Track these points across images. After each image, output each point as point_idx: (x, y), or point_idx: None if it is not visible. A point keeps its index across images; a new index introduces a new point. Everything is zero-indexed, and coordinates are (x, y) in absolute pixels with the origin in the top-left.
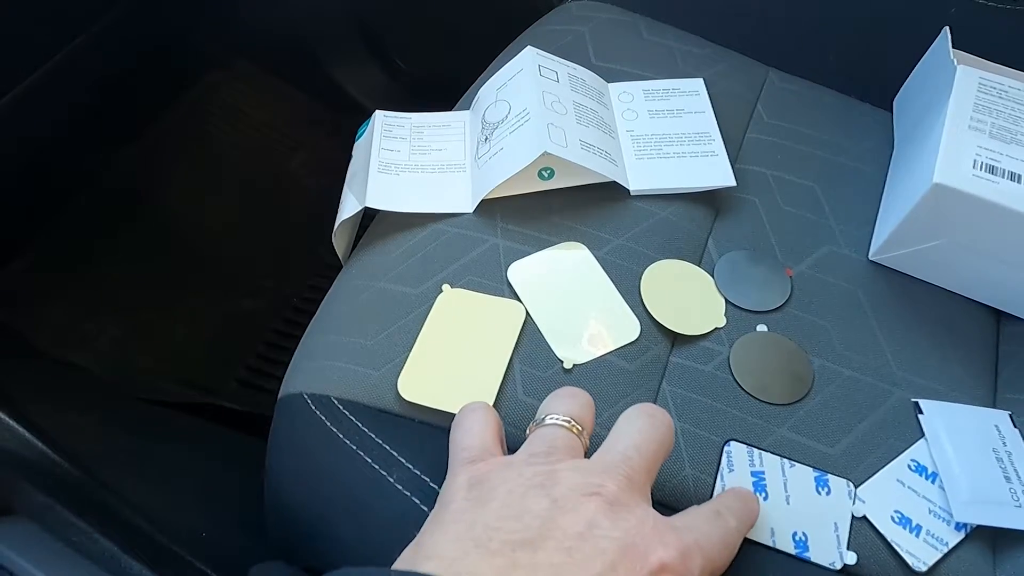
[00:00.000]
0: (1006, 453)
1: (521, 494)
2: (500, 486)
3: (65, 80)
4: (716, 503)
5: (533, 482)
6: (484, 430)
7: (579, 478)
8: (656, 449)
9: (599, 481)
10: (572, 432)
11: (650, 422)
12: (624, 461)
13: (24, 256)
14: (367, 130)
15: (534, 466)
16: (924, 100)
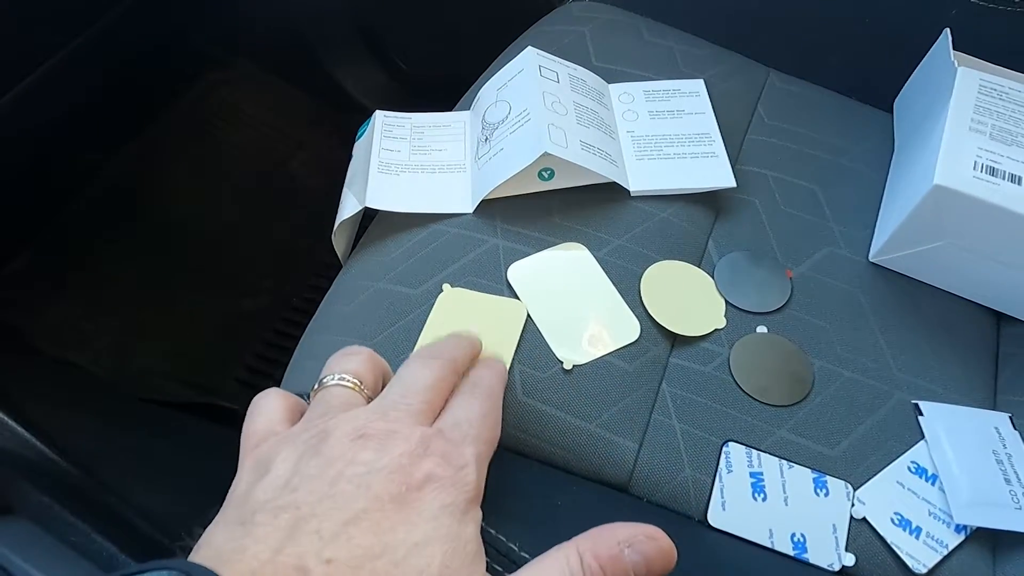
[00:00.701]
0: (1006, 455)
1: (295, 460)
2: (275, 458)
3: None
4: (469, 381)
5: (308, 445)
6: (272, 412)
7: (348, 426)
8: (431, 383)
9: (366, 421)
10: (351, 389)
11: (421, 363)
12: (396, 400)
13: (24, 256)
14: (367, 130)
15: (309, 431)
16: (925, 102)
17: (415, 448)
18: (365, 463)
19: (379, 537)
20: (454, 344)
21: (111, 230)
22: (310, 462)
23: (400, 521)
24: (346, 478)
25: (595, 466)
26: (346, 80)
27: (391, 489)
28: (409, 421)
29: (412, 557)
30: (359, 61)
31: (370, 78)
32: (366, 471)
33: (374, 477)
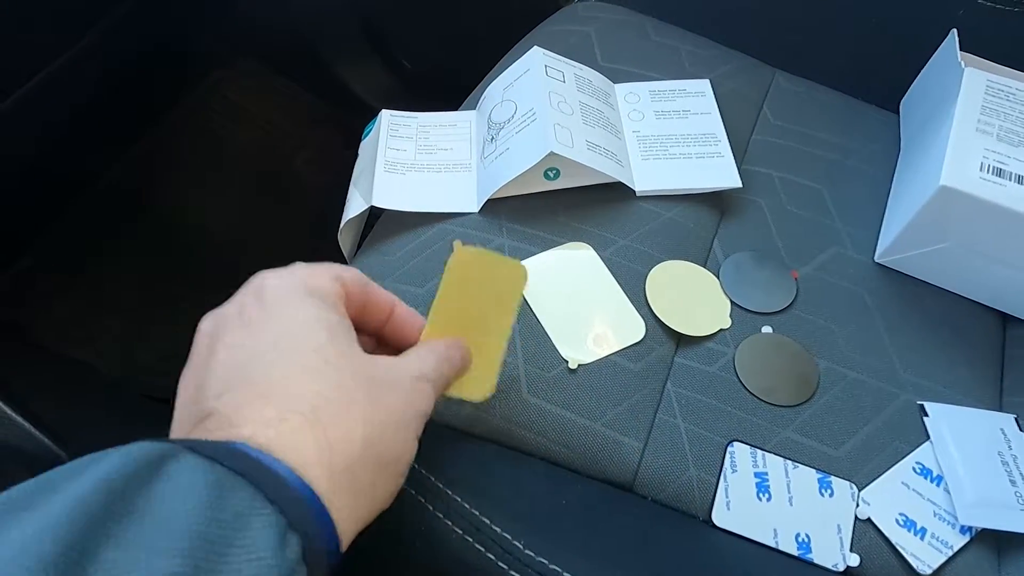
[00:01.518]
0: (1011, 456)
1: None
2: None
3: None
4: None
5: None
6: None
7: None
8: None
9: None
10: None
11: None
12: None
13: (28, 254)
14: (373, 129)
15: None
16: (931, 102)
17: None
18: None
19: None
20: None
21: (115, 229)
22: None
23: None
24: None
25: (600, 465)
26: (351, 79)
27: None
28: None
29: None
30: (364, 60)
31: (375, 77)
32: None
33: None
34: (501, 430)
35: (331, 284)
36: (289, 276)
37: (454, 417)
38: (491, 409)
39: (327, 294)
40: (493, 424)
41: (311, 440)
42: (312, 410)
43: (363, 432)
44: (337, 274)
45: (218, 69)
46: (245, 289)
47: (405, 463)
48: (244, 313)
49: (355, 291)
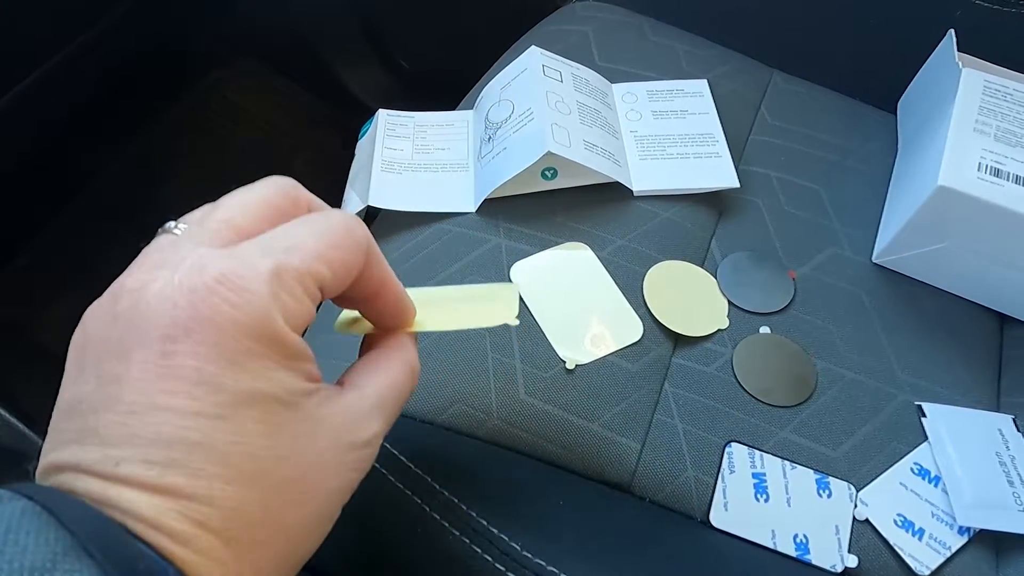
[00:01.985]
0: (1009, 457)
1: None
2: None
3: (67, 79)
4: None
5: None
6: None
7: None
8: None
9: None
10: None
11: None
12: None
13: (26, 254)
14: (370, 129)
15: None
16: (929, 103)
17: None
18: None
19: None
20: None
21: (113, 228)
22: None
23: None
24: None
25: (597, 466)
26: (349, 79)
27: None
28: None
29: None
30: (362, 60)
31: (373, 77)
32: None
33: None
34: (498, 431)
35: (303, 309)
36: (244, 304)
37: (451, 419)
38: (488, 410)
39: (286, 339)
40: (490, 425)
41: (223, 567)
42: (228, 529)
43: (284, 544)
44: (316, 277)
45: (218, 69)
46: (192, 308)
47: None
48: (177, 346)
49: (337, 284)
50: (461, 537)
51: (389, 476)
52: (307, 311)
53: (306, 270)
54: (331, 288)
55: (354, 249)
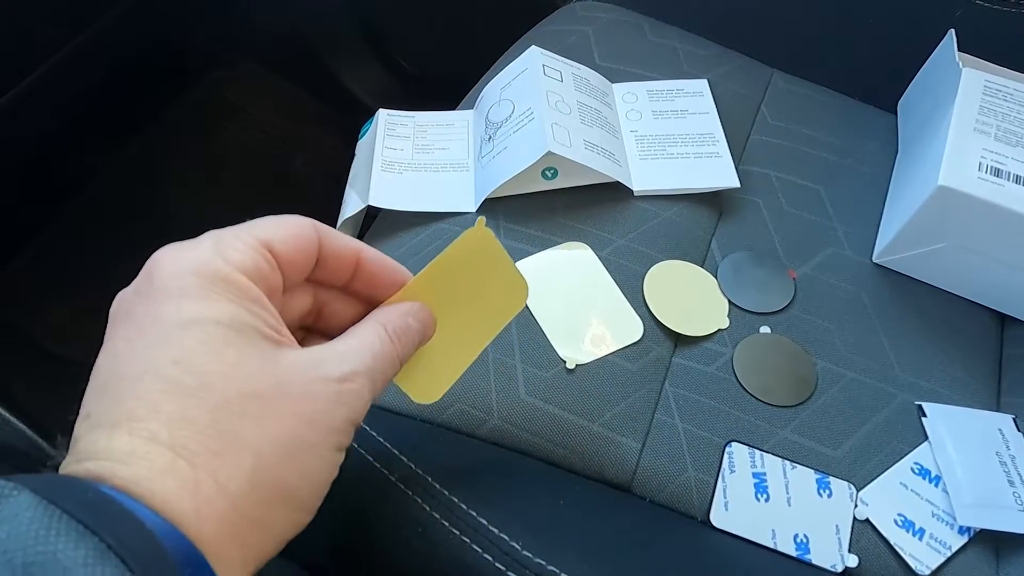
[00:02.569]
0: (1009, 457)
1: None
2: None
3: (67, 78)
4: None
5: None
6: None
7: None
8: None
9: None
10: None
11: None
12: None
13: (25, 254)
14: (370, 129)
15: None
16: (929, 102)
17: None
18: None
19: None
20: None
21: (113, 229)
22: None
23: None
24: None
25: (598, 466)
26: (349, 79)
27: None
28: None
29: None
30: (362, 60)
31: (373, 77)
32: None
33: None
34: (499, 430)
35: (245, 256)
36: (186, 252)
37: (451, 419)
38: (489, 410)
39: (228, 276)
40: (491, 425)
41: (177, 478)
42: (176, 439)
43: (252, 461)
44: (262, 238)
45: (217, 69)
46: (146, 266)
47: (317, 487)
48: (133, 302)
49: (293, 252)
50: (461, 537)
51: (389, 476)
52: (252, 259)
53: (245, 230)
54: (281, 249)
55: (293, 221)
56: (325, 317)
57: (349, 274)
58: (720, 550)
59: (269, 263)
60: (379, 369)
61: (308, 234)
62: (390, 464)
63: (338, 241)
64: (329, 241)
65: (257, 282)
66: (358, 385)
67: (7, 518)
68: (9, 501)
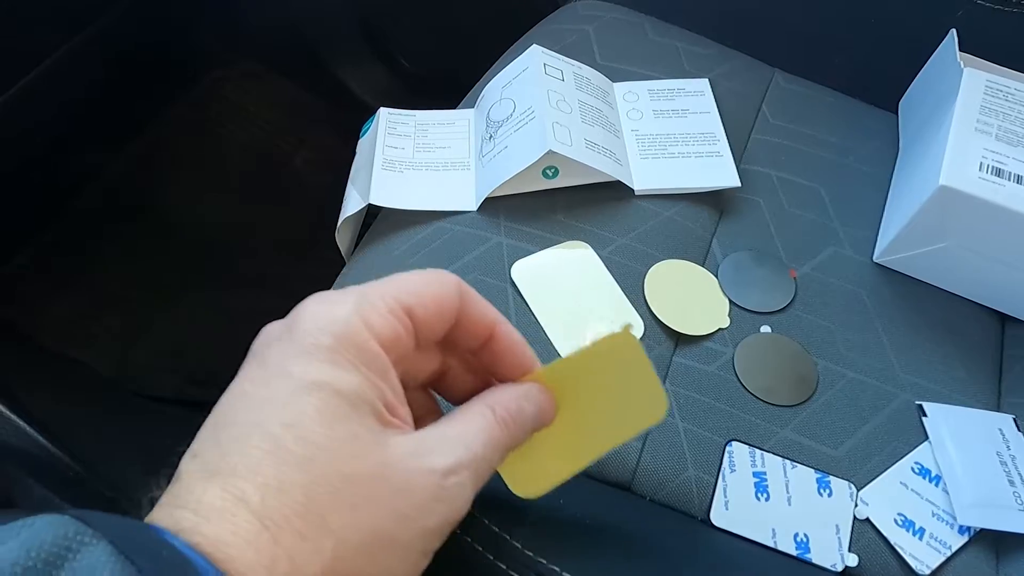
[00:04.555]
0: (1010, 457)
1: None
2: None
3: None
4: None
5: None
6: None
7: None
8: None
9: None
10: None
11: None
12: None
13: (26, 252)
14: (371, 127)
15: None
16: (930, 102)
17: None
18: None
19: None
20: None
21: (113, 227)
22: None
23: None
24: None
25: (598, 464)
26: (349, 78)
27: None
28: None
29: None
30: (363, 59)
31: (373, 76)
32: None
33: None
34: None
35: (385, 322)
36: (330, 307)
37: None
38: None
39: (363, 343)
40: None
41: (257, 550)
42: (267, 508)
43: (332, 549)
44: (405, 303)
45: (217, 68)
46: (294, 310)
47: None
48: (271, 345)
49: (432, 317)
50: (462, 536)
51: None
52: (391, 326)
53: (390, 291)
54: (421, 314)
55: (438, 281)
56: (447, 381)
57: (480, 343)
58: (720, 549)
59: (406, 329)
60: (487, 458)
61: (451, 297)
62: None
63: (478, 308)
64: (468, 306)
65: (391, 351)
66: (461, 479)
67: (84, 569)
68: (88, 550)
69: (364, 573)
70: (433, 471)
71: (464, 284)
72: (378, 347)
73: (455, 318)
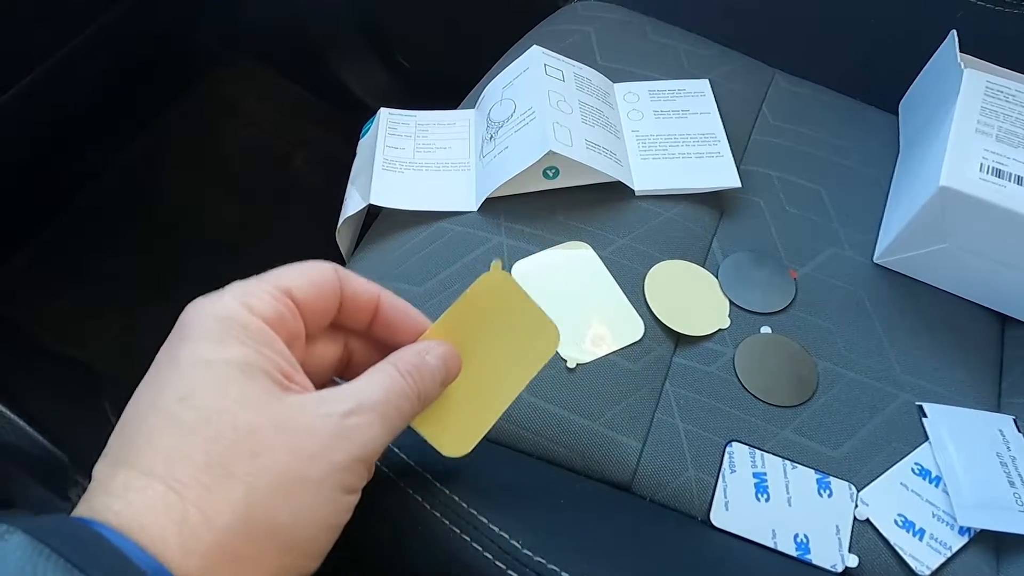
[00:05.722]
0: (1010, 458)
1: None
2: None
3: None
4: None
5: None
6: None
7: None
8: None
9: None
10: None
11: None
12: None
13: (25, 252)
14: (372, 128)
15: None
16: (930, 103)
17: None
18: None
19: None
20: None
21: (112, 227)
22: None
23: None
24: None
25: (598, 465)
26: (350, 78)
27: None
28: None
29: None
30: (363, 59)
31: (374, 76)
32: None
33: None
34: (499, 429)
35: (264, 303)
36: (211, 300)
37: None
38: None
39: (245, 320)
40: None
41: (167, 510)
42: (172, 473)
43: (242, 496)
44: (283, 286)
45: (217, 68)
46: (179, 317)
47: (316, 529)
48: (162, 349)
49: (313, 299)
50: (462, 535)
51: (389, 473)
52: (272, 306)
53: (268, 279)
54: (301, 295)
55: (313, 266)
56: (353, 366)
57: (368, 318)
58: (720, 550)
59: (290, 310)
60: (392, 404)
61: (329, 280)
62: (389, 462)
63: (357, 285)
64: (349, 285)
65: (277, 329)
66: (364, 419)
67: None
68: (2, 543)
69: (278, 514)
70: (332, 413)
71: (341, 268)
72: (260, 323)
73: (339, 299)
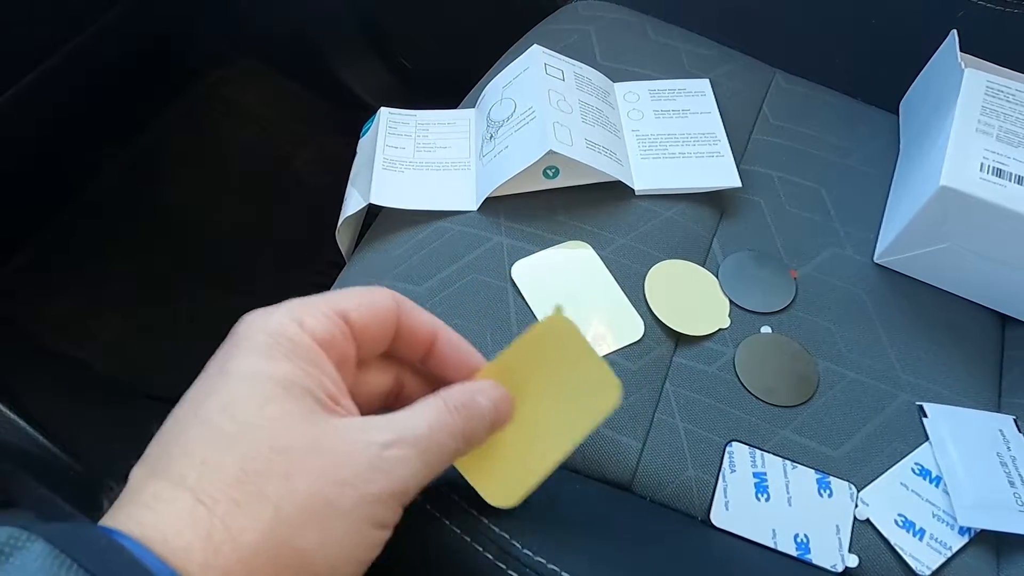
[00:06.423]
0: (1010, 458)
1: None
2: None
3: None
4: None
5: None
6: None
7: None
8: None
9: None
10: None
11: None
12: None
13: (26, 252)
14: (372, 127)
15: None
16: (931, 103)
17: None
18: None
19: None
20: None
21: (113, 227)
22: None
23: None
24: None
25: (598, 464)
26: (350, 78)
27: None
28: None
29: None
30: (363, 59)
31: (374, 76)
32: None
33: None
34: None
35: (318, 322)
36: (265, 314)
37: None
38: None
39: (295, 337)
40: None
41: (193, 524)
42: (203, 485)
43: (270, 517)
44: (339, 308)
45: (217, 67)
46: (233, 327)
47: (341, 562)
48: (211, 359)
49: (368, 324)
50: (462, 535)
51: None
52: (325, 326)
53: (324, 299)
54: (356, 318)
55: (372, 290)
56: (403, 399)
57: (424, 351)
58: (720, 550)
59: (342, 332)
60: (435, 440)
61: (387, 307)
62: None
63: (416, 316)
64: (408, 316)
65: (327, 349)
66: (404, 453)
67: (18, 568)
68: (23, 552)
69: (304, 540)
70: (372, 443)
71: (400, 295)
72: (312, 341)
73: (395, 327)
